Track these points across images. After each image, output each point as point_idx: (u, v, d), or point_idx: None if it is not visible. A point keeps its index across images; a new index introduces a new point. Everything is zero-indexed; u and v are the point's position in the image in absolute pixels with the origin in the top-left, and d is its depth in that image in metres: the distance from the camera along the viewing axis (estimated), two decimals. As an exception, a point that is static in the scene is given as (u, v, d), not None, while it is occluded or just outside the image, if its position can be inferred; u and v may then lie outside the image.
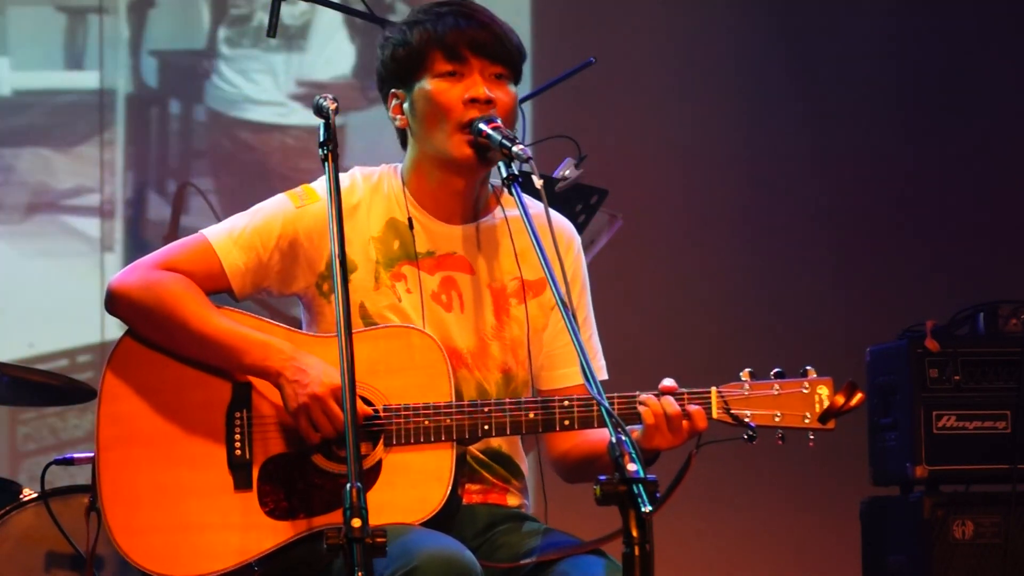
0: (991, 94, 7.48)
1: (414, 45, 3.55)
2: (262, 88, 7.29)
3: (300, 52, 7.29)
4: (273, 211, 3.59)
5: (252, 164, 7.25)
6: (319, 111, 3.36)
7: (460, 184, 3.59)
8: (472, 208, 3.64)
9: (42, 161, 7.09)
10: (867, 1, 7.54)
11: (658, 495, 2.81)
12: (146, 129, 7.30)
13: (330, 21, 7.20)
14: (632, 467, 2.82)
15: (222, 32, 7.29)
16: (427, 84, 3.55)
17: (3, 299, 6.92)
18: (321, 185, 3.59)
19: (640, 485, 2.80)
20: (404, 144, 3.65)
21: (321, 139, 3.32)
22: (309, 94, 7.04)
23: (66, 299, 6.94)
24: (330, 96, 3.36)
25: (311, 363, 3.41)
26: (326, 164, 3.30)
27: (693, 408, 3.37)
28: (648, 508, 2.78)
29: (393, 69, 3.59)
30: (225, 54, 7.29)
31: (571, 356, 3.60)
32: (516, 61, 3.59)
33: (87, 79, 7.16)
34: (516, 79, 3.60)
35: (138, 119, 7.25)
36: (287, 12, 6.95)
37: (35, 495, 4.78)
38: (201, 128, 7.35)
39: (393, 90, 3.61)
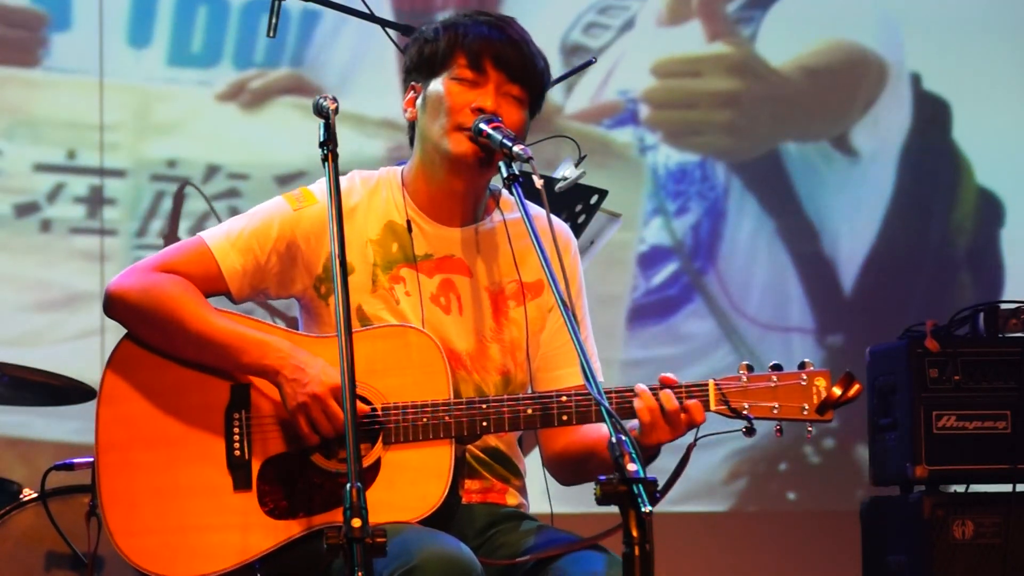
0: (992, 94, 7.49)
1: (441, 43, 3.57)
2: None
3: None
4: (270, 213, 3.59)
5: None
6: (319, 111, 3.36)
7: (459, 185, 3.59)
8: (471, 211, 3.64)
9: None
10: None
11: (658, 494, 2.81)
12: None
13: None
14: (632, 467, 2.83)
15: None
16: (442, 83, 3.56)
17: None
18: (318, 187, 3.60)
19: (640, 485, 2.80)
20: (412, 142, 3.66)
21: (320, 139, 3.33)
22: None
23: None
24: (330, 96, 3.37)
25: (309, 361, 3.41)
26: (325, 164, 3.31)
27: (691, 402, 3.37)
28: (648, 508, 2.78)
29: (417, 63, 3.62)
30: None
31: (567, 357, 3.62)
32: (536, 86, 3.58)
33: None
34: (533, 107, 3.60)
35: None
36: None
37: (35, 495, 4.78)
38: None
39: (413, 83, 3.63)
